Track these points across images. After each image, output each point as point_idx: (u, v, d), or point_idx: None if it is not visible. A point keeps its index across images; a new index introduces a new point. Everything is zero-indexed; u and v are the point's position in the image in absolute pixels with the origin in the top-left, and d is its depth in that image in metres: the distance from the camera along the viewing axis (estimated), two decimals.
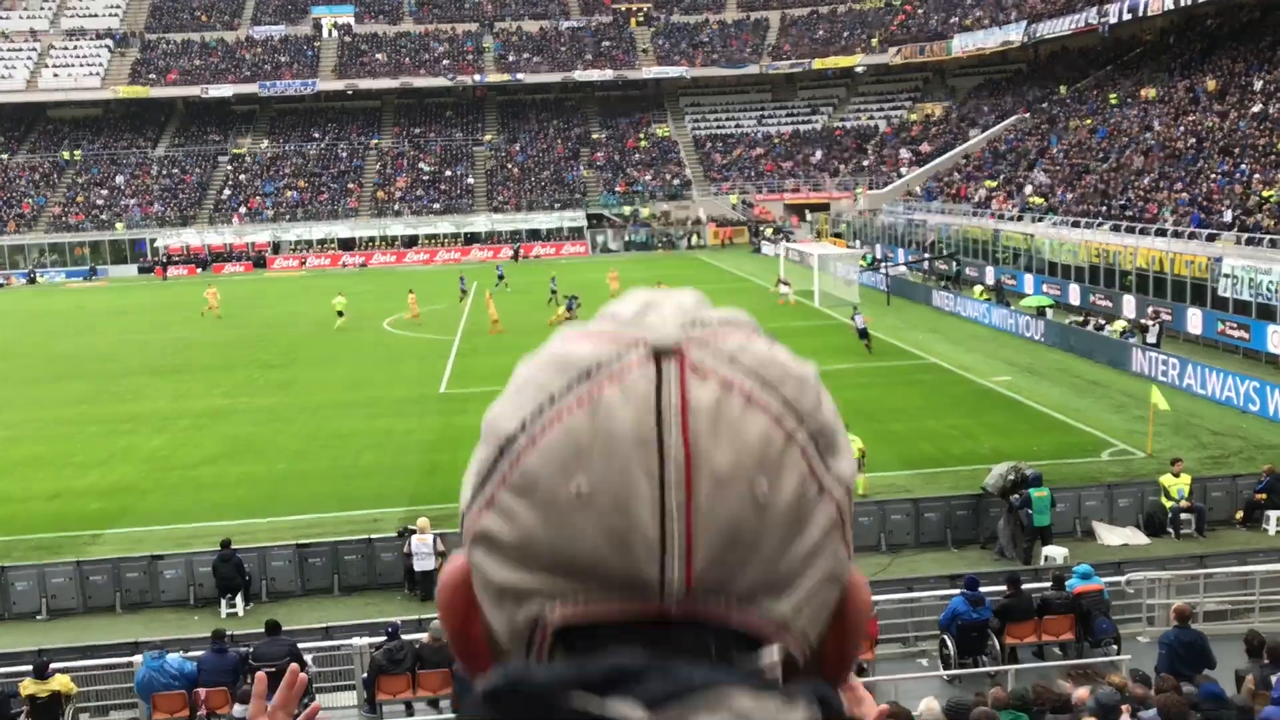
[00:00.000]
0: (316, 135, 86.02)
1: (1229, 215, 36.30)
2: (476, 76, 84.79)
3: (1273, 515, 18.91)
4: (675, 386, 0.72)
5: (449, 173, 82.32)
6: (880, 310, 43.39)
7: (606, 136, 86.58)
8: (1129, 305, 35.61)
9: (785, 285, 45.99)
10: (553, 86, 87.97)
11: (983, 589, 14.16)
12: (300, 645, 13.79)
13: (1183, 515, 18.86)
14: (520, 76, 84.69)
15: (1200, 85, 48.33)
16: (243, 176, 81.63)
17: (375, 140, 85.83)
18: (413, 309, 45.35)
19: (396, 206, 78.43)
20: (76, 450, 26.75)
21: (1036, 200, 48.96)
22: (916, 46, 77.36)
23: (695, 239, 75.70)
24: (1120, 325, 33.38)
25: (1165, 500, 18.98)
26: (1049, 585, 14.77)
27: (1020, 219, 47.16)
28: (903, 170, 70.81)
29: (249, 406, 30.71)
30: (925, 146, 71.81)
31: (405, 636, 13.80)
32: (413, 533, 17.46)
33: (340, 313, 44.10)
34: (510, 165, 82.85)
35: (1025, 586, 14.74)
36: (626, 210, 78.24)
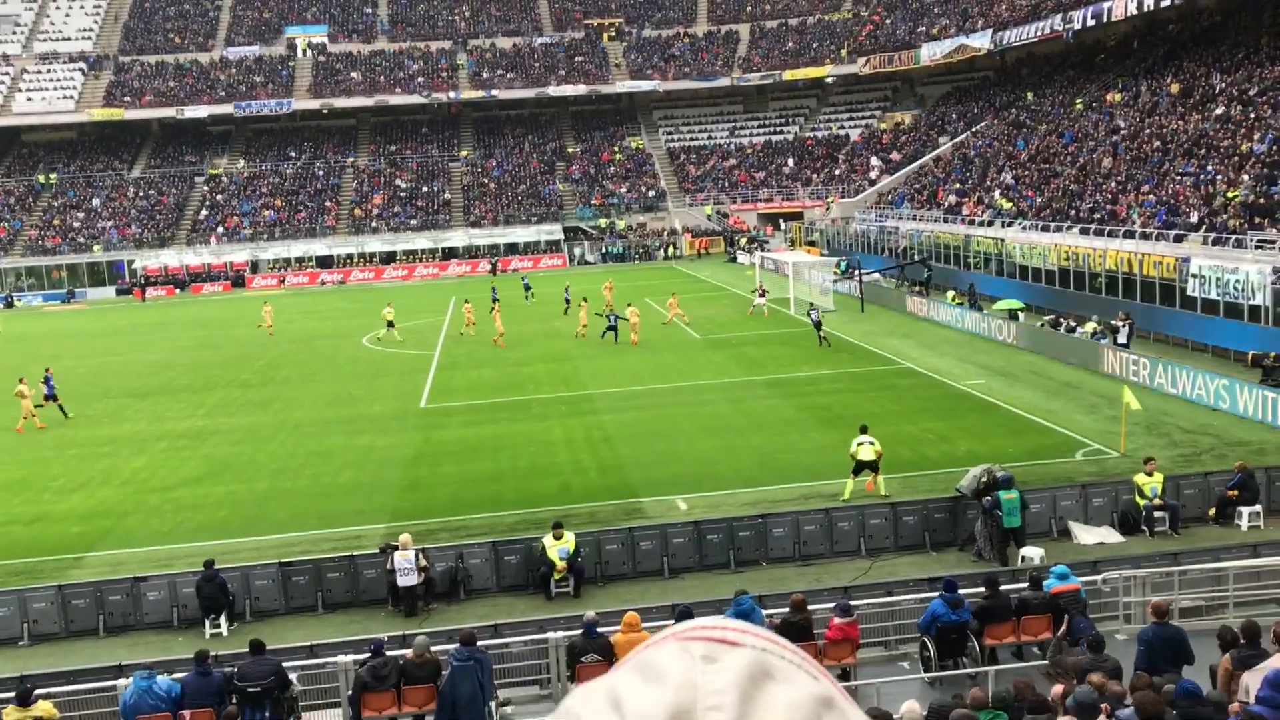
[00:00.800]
0: (293, 154, 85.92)
1: (1195, 216, 36.82)
2: (451, 93, 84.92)
3: (1245, 511, 19.21)
4: None
5: (426, 189, 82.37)
6: (854, 316, 43.77)
7: (581, 150, 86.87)
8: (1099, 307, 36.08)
9: (761, 296, 46.17)
10: (527, 102, 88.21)
11: (961, 591, 14.34)
12: (285, 663, 13.84)
13: (1156, 513, 19.14)
14: (495, 93, 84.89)
15: (1164, 89, 49.01)
16: (220, 197, 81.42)
17: (351, 158, 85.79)
18: (469, 319, 44.77)
19: (374, 224, 78.41)
20: (56, 474, 26.68)
21: (1005, 205, 49.47)
22: (885, 56, 78.03)
23: (671, 249, 76.05)
24: (1091, 327, 33.79)
25: (1139, 499, 19.26)
26: (1026, 586, 14.98)
27: (991, 224, 47.66)
28: (874, 178, 71.37)
29: (229, 426, 30.69)
30: (896, 155, 72.41)
31: (390, 653, 13.87)
32: (395, 549, 17.53)
33: (390, 323, 44.01)
34: (486, 180, 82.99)
35: (1003, 587, 14.93)
36: (603, 223, 78.52)
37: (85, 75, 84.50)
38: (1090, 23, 55.18)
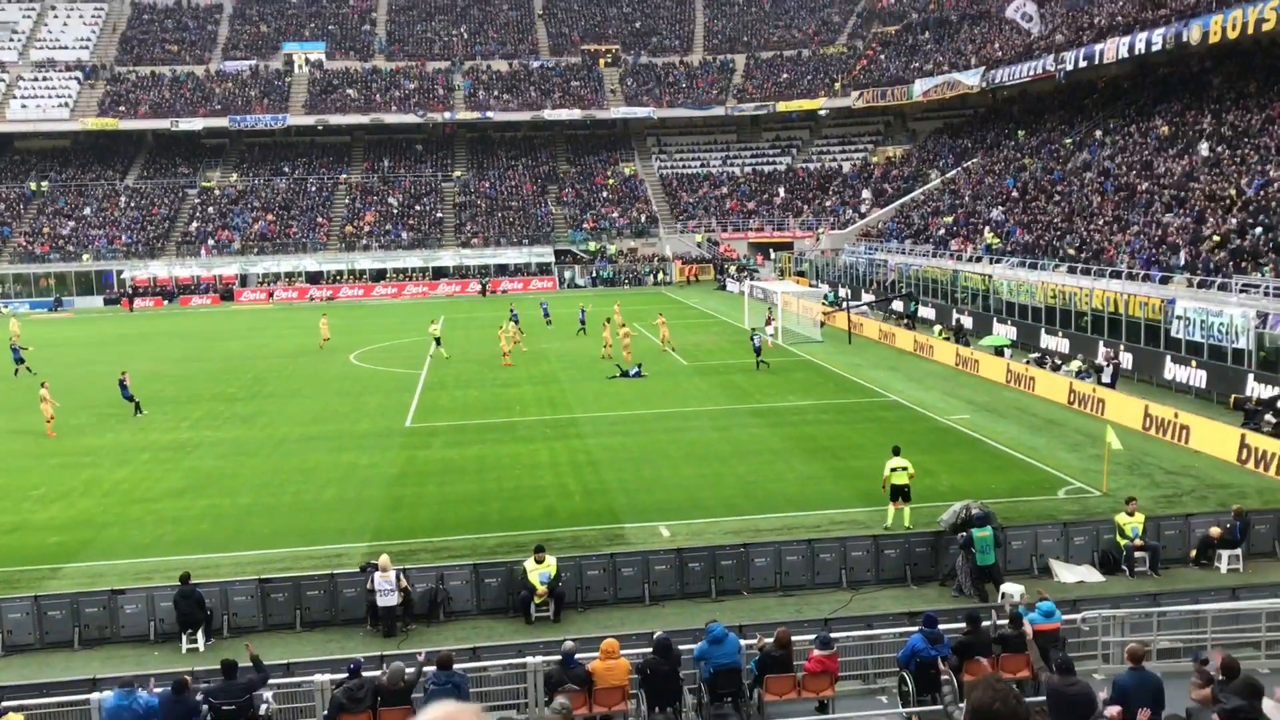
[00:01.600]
0: (286, 169, 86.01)
1: (1182, 258, 37.13)
2: (446, 114, 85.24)
3: (1224, 554, 19.29)
4: None
5: (418, 208, 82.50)
6: (841, 348, 43.93)
7: (574, 174, 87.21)
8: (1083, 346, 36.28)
9: (770, 324, 45.42)
10: (522, 124, 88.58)
11: (941, 626, 14.34)
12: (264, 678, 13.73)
13: (1137, 554, 19.20)
14: (490, 114, 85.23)
15: (1153, 130, 49.53)
16: (211, 209, 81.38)
17: (345, 175, 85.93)
18: (514, 338, 44.40)
19: (365, 241, 78.45)
20: (36, 483, 26.50)
21: (994, 241, 49.81)
22: (878, 91, 78.68)
23: (661, 275, 76.28)
24: (1076, 365, 33.98)
25: (1120, 538, 19.33)
26: (1005, 623, 14.99)
27: (979, 260, 47.98)
28: (864, 211, 71.80)
29: (213, 439, 30.58)
30: (887, 188, 72.90)
31: (367, 674, 13.79)
32: (376, 568, 17.46)
33: (438, 340, 43.71)
34: (479, 201, 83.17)
35: (986, 624, 14.93)
36: (593, 246, 78.75)
37: (81, 84, 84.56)
38: (1082, 64, 55.80)
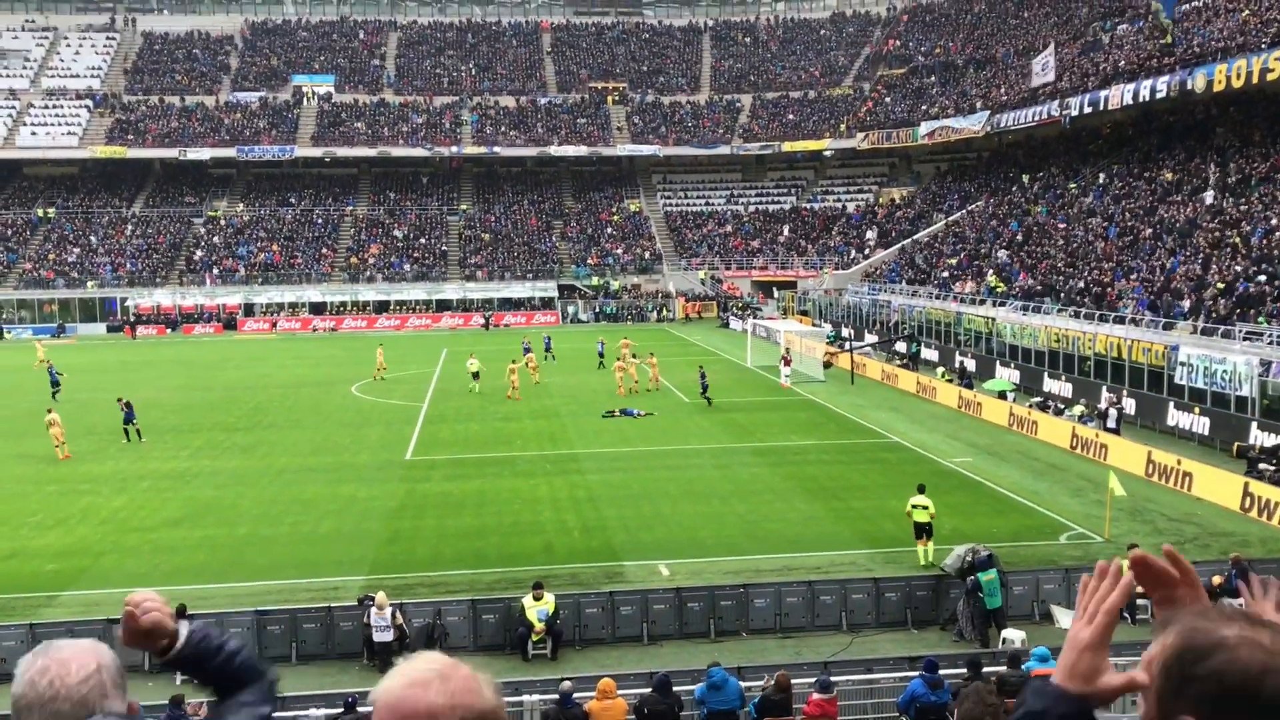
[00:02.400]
0: (293, 200, 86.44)
1: (1186, 304, 37.16)
2: (453, 148, 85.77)
3: (1228, 603, 19.11)
4: None
5: (423, 240, 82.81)
6: (844, 388, 43.87)
7: (580, 210, 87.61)
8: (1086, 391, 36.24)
9: (787, 365, 44.65)
10: (528, 160, 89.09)
11: (942, 671, 14.22)
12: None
13: (1139, 601, 19.06)
14: (496, 149, 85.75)
15: (1158, 176, 49.77)
16: (217, 239, 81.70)
17: (350, 206, 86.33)
18: (532, 368, 44.90)
19: (369, 272, 78.68)
20: (34, 510, 26.42)
21: (997, 285, 49.91)
22: (883, 132, 79.18)
23: (664, 312, 76.40)
24: (1079, 410, 33.92)
25: None
26: (1005, 666, 14.86)
27: (983, 303, 48.05)
28: (868, 252, 72.03)
29: (212, 469, 30.50)
30: (891, 229, 73.17)
31: (362, 709, 13.65)
32: (373, 602, 17.36)
33: (475, 374, 43.32)
34: (484, 235, 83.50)
35: (987, 670, 14.81)
36: (597, 282, 78.95)
37: (91, 112, 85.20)
38: (1087, 110, 56.18)
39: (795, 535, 23.37)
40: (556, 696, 13.66)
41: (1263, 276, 35.83)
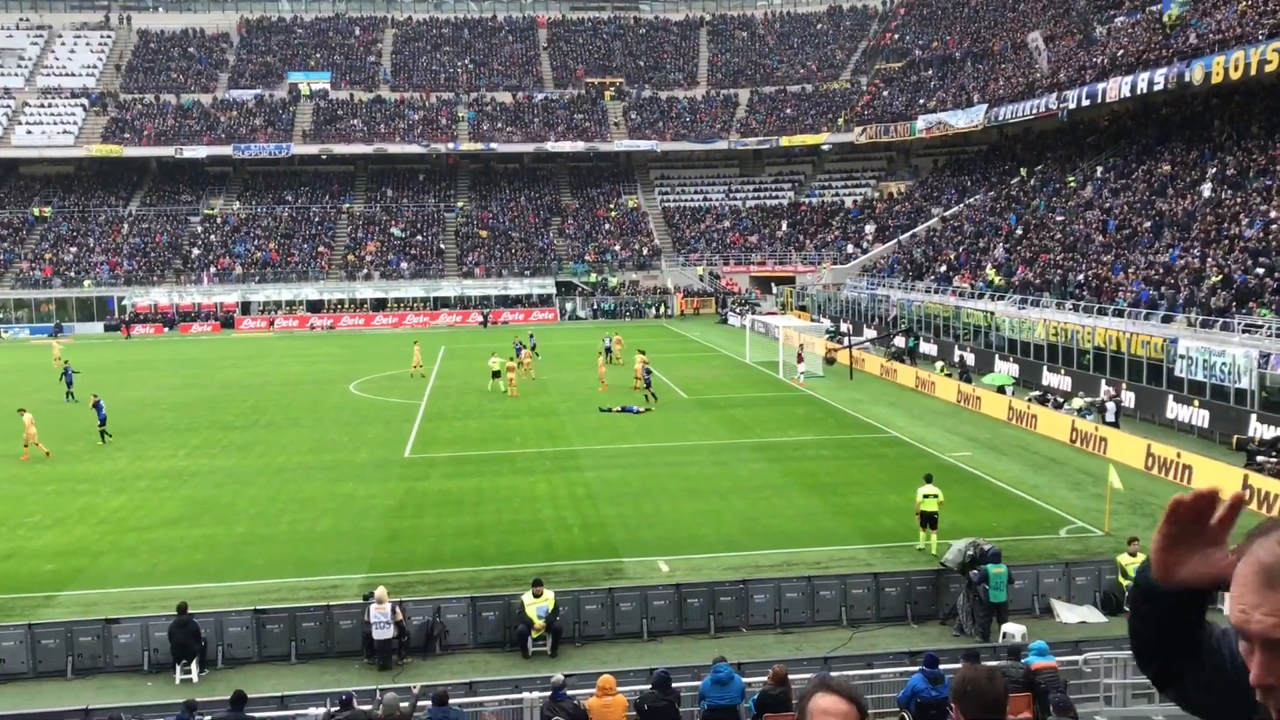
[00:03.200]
0: (289, 198, 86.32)
1: (1183, 297, 37.12)
2: (450, 144, 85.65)
3: (1228, 595, 19.09)
4: None
5: (420, 238, 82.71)
6: (843, 383, 43.85)
7: (577, 206, 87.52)
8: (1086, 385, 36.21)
9: (801, 361, 44.26)
10: (525, 156, 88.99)
11: (942, 666, 14.20)
12: (255, 715, 13.59)
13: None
14: (493, 145, 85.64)
15: (1156, 169, 49.72)
16: (213, 237, 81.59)
17: (347, 204, 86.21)
18: (527, 365, 44.85)
19: (366, 270, 78.58)
20: (32, 509, 26.36)
21: (995, 279, 49.86)
22: (881, 126, 79.10)
23: (663, 308, 76.35)
24: (1078, 403, 33.90)
25: (1122, 579, 19.17)
26: (1005, 659, 14.84)
27: (981, 297, 48.01)
28: (867, 246, 71.98)
29: (210, 468, 30.44)
30: (889, 223, 73.12)
31: (363, 707, 13.62)
32: (373, 599, 17.32)
33: (496, 373, 42.98)
34: (481, 231, 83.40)
35: (984, 664, 14.78)
36: (595, 278, 78.88)
37: (86, 111, 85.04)
38: (1085, 103, 56.10)
39: (794, 531, 23.35)
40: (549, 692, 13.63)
41: (1261, 270, 35.79)
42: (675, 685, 13.79)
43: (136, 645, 17.38)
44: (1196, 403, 31.68)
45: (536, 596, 17.55)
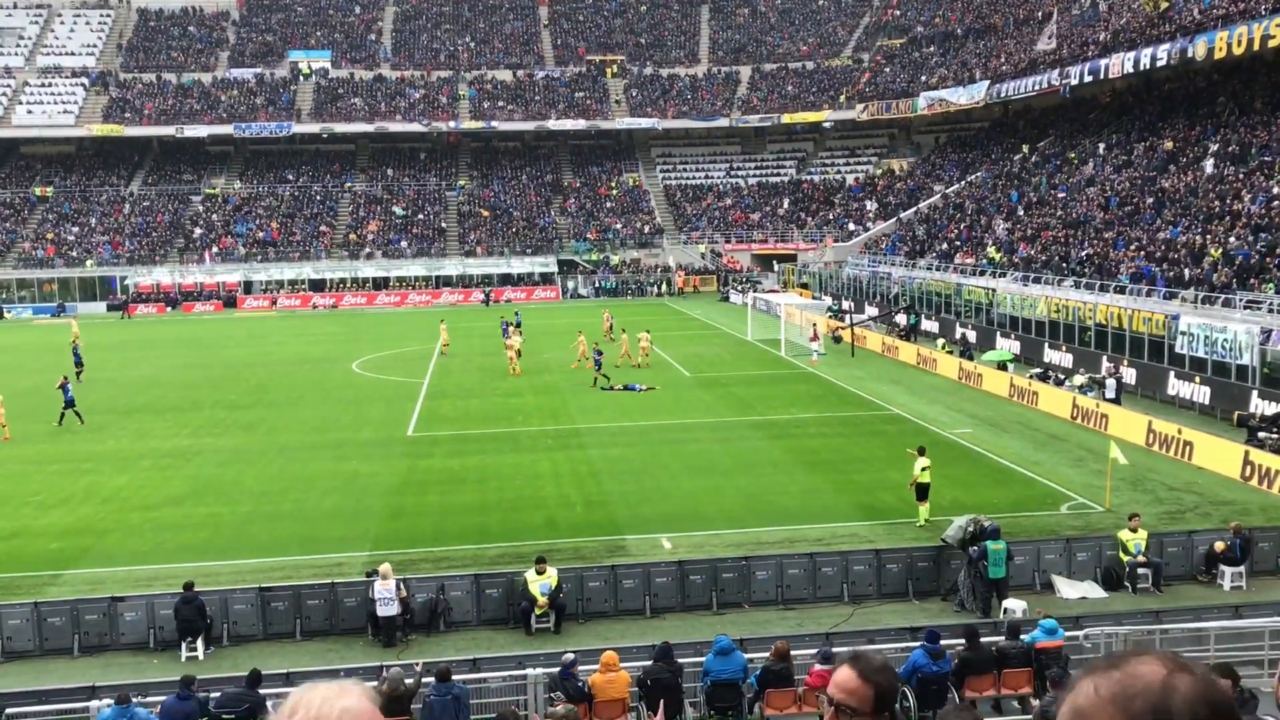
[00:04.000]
0: (290, 177, 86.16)
1: (1187, 274, 37.09)
2: (451, 123, 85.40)
3: (1228, 571, 19.21)
4: None
5: (421, 216, 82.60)
6: (844, 361, 43.88)
7: (579, 184, 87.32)
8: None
9: (815, 340, 43.86)
10: (526, 134, 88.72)
11: (942, 642, 14.28)
12: (262, 691, 13.70)
13: (1140, 570, 19.13)
14: (494, 124, 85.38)
15: (1158, 145, 49.56)
16: (215, 216, 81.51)
17: (349, 183, 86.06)
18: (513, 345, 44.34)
19: (368, 249, 78.53)
20: (37, 488, 26.47)
21: (997, 256, 49.80)
22: (883, 103, 78.78)
23: (665, 286, 76.28)
24: (1079, 380, 33.93)
25: (1123, 555, 19.26)
26: (1005, 639, 14.92)
27: (983, 274, 47.96)
28: (868, 224, 71.84)
29: (214, 447, 30.54)
30: (891, 200, 72.95)
31: (366, 683, 13.72)
32: (377, 575, 17.42)
33: (519, 352, 42.43)
34: (483, 210, 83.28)
35: (985, 640, 14.88)
36: (596, 256, 78.80)
37: (87, 90, 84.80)
38: (1087, 79, 55.85)
39: (796, 508, 23.43)
40: (558, 669, 13.74)
41: (1263, 246, 35.74)
42: (678, 660, 13.90)
43: (142, 623, 17.49)
44: (1198, 379, 31.70)
45: (540, 574, 17.65)
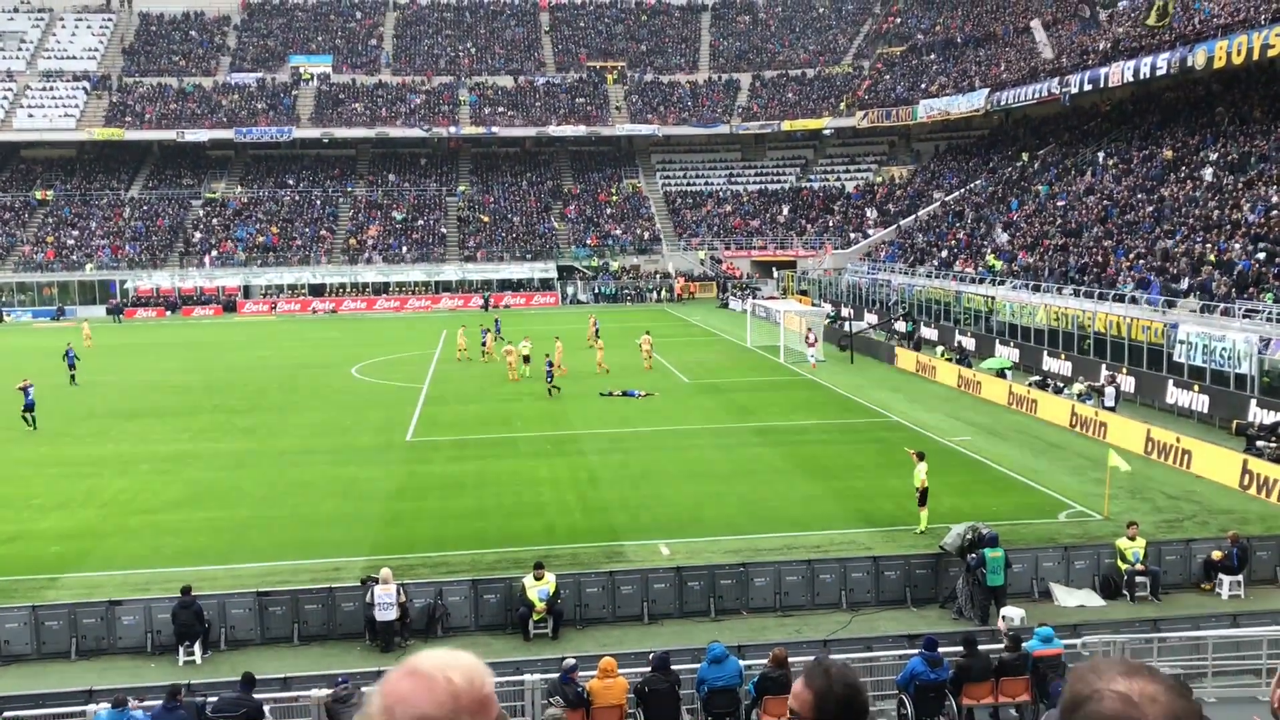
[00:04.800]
0: (291, 181, 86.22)
1: (1185, 283, 37.12)
2: (451, 128, 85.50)
3: (1226, 580, 19.22)
4: None
5: (421, 222, 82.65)
6: (843, 368, 43.90)
7: (579, 190, 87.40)
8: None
9: (813, 345, 43.96)
10: (526, 140, 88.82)
11: (940, 650, 14.28)
12: (257, 695, 13.70)
13: (1138, 578, 19.14)
14: (495, 130, 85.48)
15: (1158, 154, 49.63)
16: (215, 220, 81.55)
17: (349, 188, 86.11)
18: (488, 348, 45.02)
19: (368, 254, 78.56)
20: (36, 492, 26.47)
21: (996, 264, 49.84)
22: (883, 111, 78.91)
23: (664, 293, 76.31)
24: (1078, 388, 33.94)
25: (1121, 563, 19.27)
26: (1004, 646, 14.92)
27: (982, 281, 48.01)
28: (868, 231, 71.90)
29: (213, 451, 30.54)
30: (890, 208, 73.02)
31: (365, 690, 13.72)
32: (376, 582, 17.42)
33: (526, 358, 42.57)
34: (483, 216, 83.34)
35: (983, 647, 14.88)
36: (596, 262, 78.85)
37: (88, 94, 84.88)
38: (1087, 87, 55.96)
39: (795, 514, 23.44)
40: (558, 675, 13.74)
41: (1261, 254, 35.78)
42: (675, 668, 13.89)
43: (140, 627, 17.49)
44: (1196, 388, 31.72)
45: (538, 579, 17.65)
